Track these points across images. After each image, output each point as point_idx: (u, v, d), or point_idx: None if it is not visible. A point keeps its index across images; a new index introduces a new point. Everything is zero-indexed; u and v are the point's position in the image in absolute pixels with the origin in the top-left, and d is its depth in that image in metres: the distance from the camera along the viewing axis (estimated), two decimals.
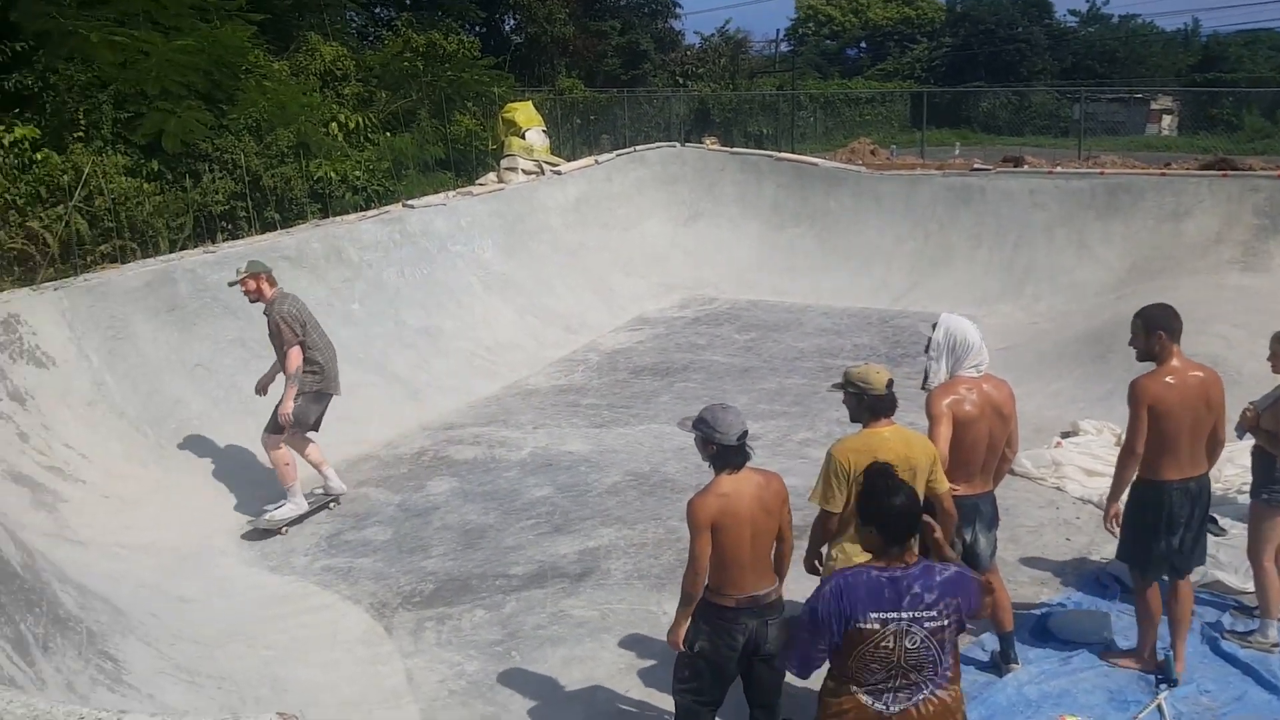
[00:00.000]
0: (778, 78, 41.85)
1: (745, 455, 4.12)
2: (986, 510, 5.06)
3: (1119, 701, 5.08)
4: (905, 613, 3.24)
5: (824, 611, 3.28)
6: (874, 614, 3.24)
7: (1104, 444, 7.99)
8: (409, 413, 9.64)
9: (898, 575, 3.28)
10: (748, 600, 4.11)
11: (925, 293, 12.95)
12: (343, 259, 10.71)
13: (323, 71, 18.87)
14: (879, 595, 3.25)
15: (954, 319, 4.99)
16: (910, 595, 3.25)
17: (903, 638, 3.25)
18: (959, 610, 3.31)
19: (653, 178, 15.64)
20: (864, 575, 3.30)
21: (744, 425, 4.10)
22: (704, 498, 4.07)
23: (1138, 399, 4.91)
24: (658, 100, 31.82)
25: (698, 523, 4.03)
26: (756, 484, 4.10)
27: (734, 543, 4.03)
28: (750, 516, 4.04)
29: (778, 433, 8.96)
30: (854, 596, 3.25)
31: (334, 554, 7.00)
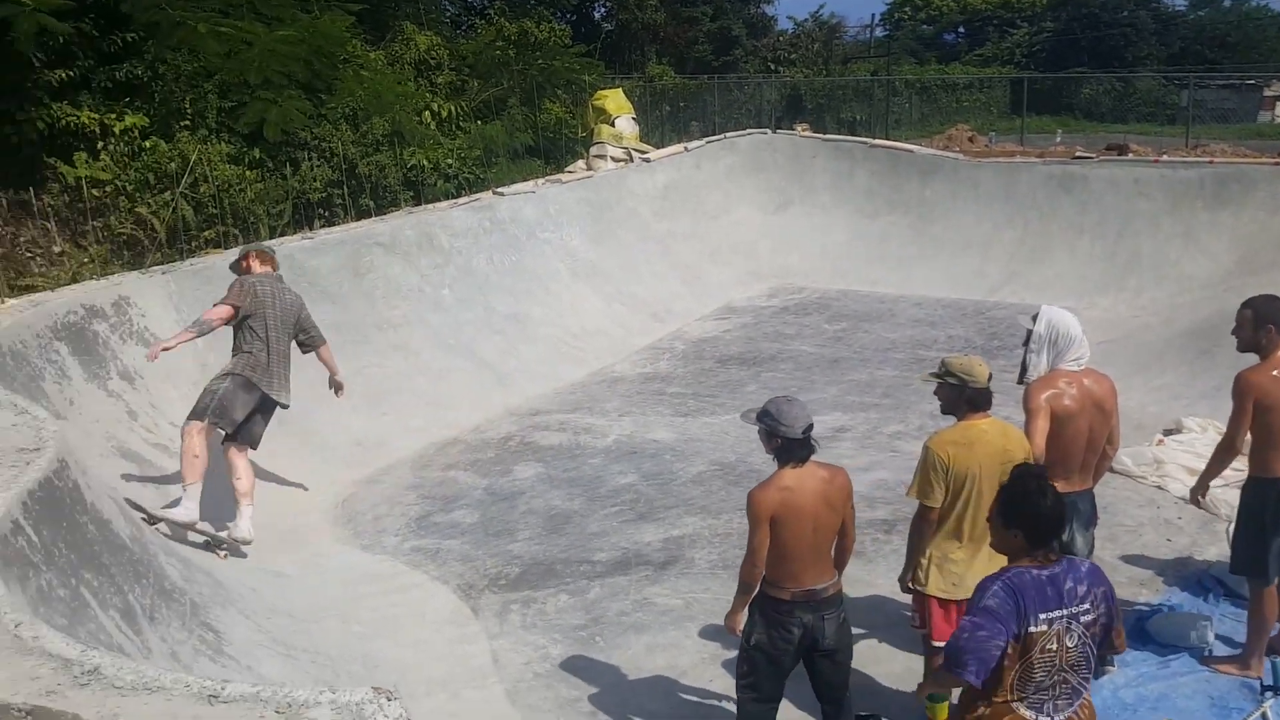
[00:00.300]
0: (872, 63, 41.17)
1: (810, 449, 4.08)
2: (1084, 508, 4.94)
3: (1220, 708, 4.92)
4: (1066, 609, 3.15)
5: (1002, 608, 3.11)
6: (1043, 615, 3.12)
7: (1208, 442, 7.67)
8: (496, 398, 9.77)
9: (1055, 572, 3.18)
10: (804, 594, 4.10)
11: (1023, 284, 12.62)
12: (434, 245, 10.89)
13: (417, 60, 19.19)
14: (1044, 594, 3.14)
15: (1055, 311, 4.89)
16: (1067, 591, 3.17)
17: (1065, 636, 3.15)
18: (1107, 600, 3.24)
19: (742, 165, 15.53)
20: (1026, 575, 3.17)
21: (809, 418, 4.07)
22: (765, 490, 4.06)
23: (1242, 392, 4.79)
24: (748, 86, 31.60)
25: (757, 515, 4.03)
26: (821, 478, 4.07)
27: (794, 536, 4.02)
28: (813, 511, 4.02)
29: (868, 425, 8.85)
30: (1026, 596, 3.12)
31: (423, 535, 7.14)
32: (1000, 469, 4.20)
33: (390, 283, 10.14)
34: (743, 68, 35.84)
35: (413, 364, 9.65)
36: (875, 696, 5.09)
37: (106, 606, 4.32)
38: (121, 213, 12.90)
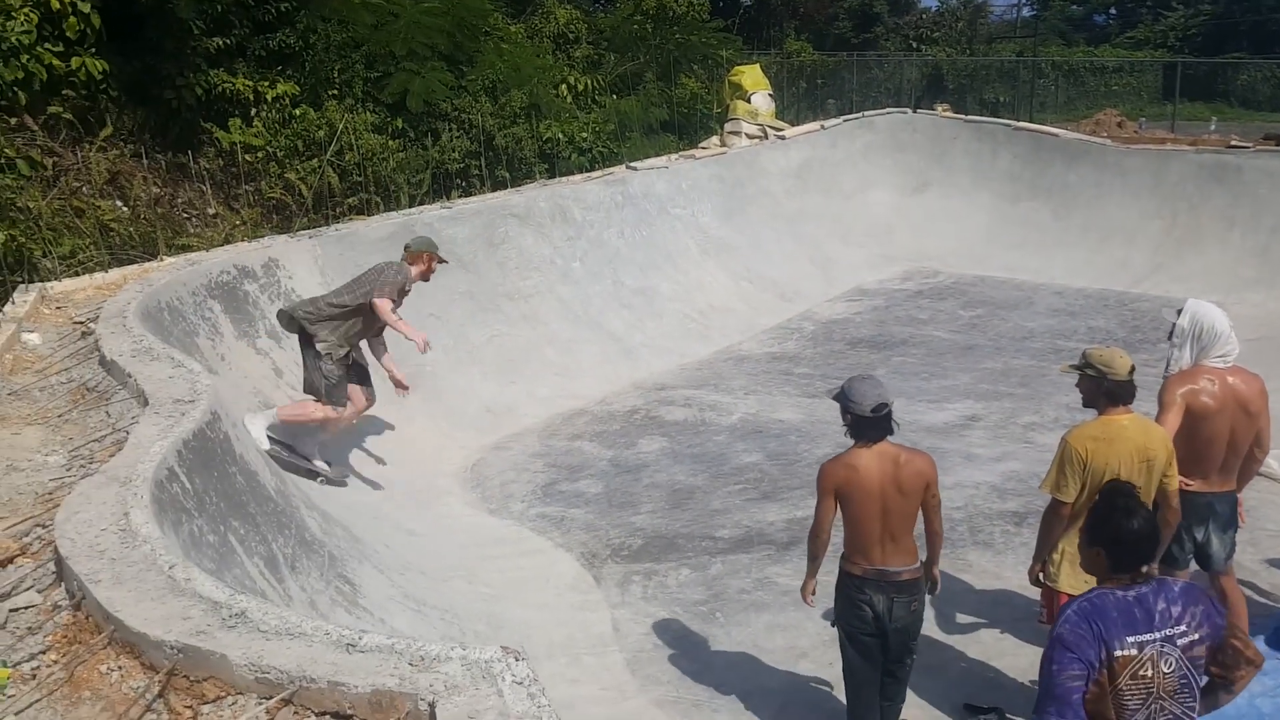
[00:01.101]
0: (1018, 43, 39.67)
1: (881, 429, 4.08)
2: (1222, 510, 4.78)
3: None
4: (1158, 632, 2.93)
5: (1074, 636, 2.93)
6: (1130, 638, 2.92)
7: None
8: (623, 371, 9.84)
9: (1144, 593, 2.98)
10: (875, 573, 4.14)
11: (1169, 275, 12.04)
12: (567, 218, 11.00)
13: (556, 34, 19.33)
14: (1131, 617, 2.94)
15: (1202, 305, 4.71)
16: (1159, 613, 2.95)
17: (1159, 661, 2.93)
18: (1207, 620, 2.98)
19: (880, 144, 15.20)
20: (1110, 596, 2.98)
21: (881, 398, 4.05)
22: (832, 465, 4.17)
23: None
24: (888, 65, 30.86)
25: (821, 487, 4.16)
26: (894, 460, 4.07)
27: (861, 514, 4.09)
28: (880, 491, 4.05)
29: (1001, 414, 8.60)
30: (1106, 619, 2.92)
31: (549, 503, 7.26)
32: (1140, 467, 4.10)
33: (523, 254, 10.30)
34: (883, 46, 35.00)
35: (542, 334, 9.79)
36: (998, 690, 4.99)
37: (252, 554, 4.52)
38: (271, 178, 13.41)
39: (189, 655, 2.86)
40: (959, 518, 6.85)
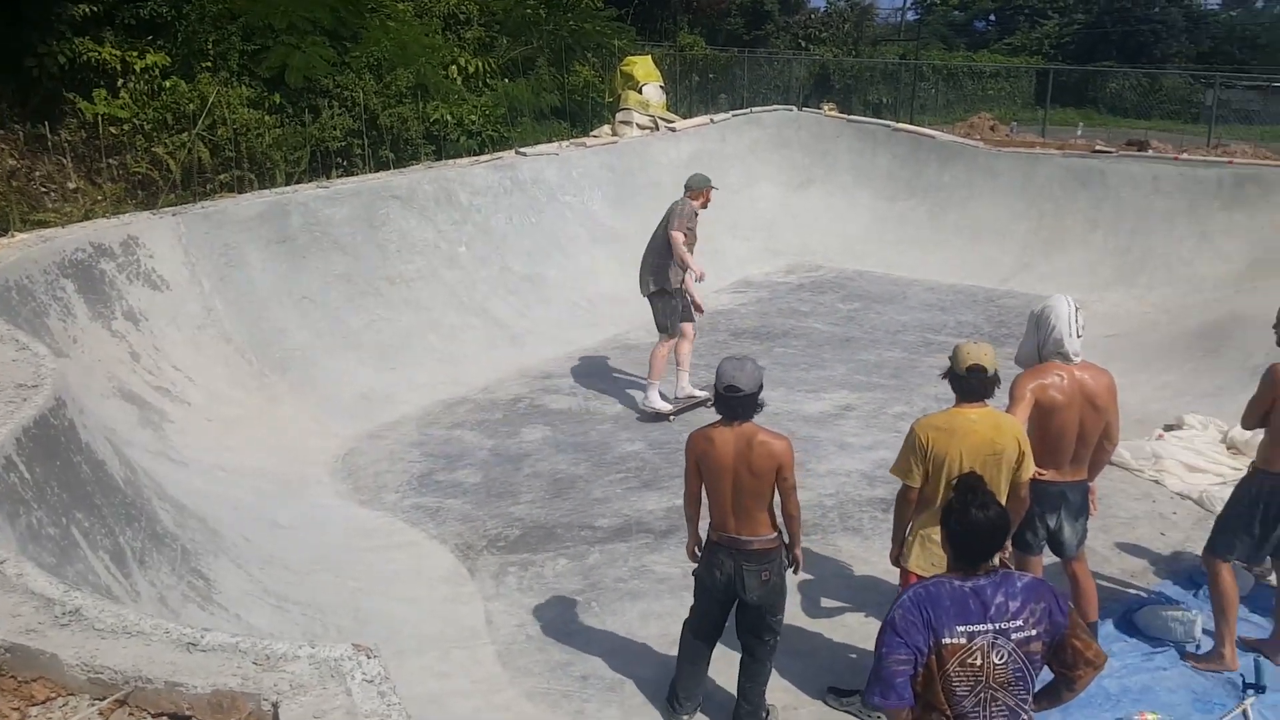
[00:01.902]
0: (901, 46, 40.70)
1: (731, 409, 4.25)
2: (1074, 499, 4.93)
3: (1203, 703, 4.93)
4: (992, 624, 2.97)
5: (904, 622, 2.98)
6: (961, 627, 2.96)
7: (1208, 440, 7.65)
8: (508, 358, 9.68)
9: (981, 584, 3.01)
10: (728, 539, 4.37)
11: (1035, 274, 12.46)
12: (453, 202, 10.77)
13: (446, 14, 18.94)
14: (965, 607, 2.97)
15: (1055, 299, 4.86)
16: (995, 605, 2.98)
17: (990, 652, 2.96)
18: (1047, 617, 3.01)
19: (767, 140, 15.32)
20: (946, 585, 3.02)
21: (734, 380, 4.20)
22: (694, 435, 4.43)
23: (1268, 382, 4.85)
24: (778, 62, 31.24)
25: (686, 456, 4.45)
26: (747, 440, 4.23)
27: (714, 487, 4.33)
28: (732, 468, 4.24)
29: (874, 405, 8.75)
30: (938, 607, 2.96)
31: (424, 493, 7.07)
32: (989, 460, 4.21)
33: (405, 237, 10.03)
34: (773, 43, 35.45)
35: (424, 320, 9.56)
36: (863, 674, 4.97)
37: (96, 548, 4.27)
38: (138, 152, 12.80)
39: (17, 655, 2.69)
40: (830, 504, 6.95)
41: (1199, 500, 6.88)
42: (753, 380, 4.24)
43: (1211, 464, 7.29)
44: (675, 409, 8.52)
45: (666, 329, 8.54)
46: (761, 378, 4.32)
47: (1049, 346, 4.76)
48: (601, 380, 9.34)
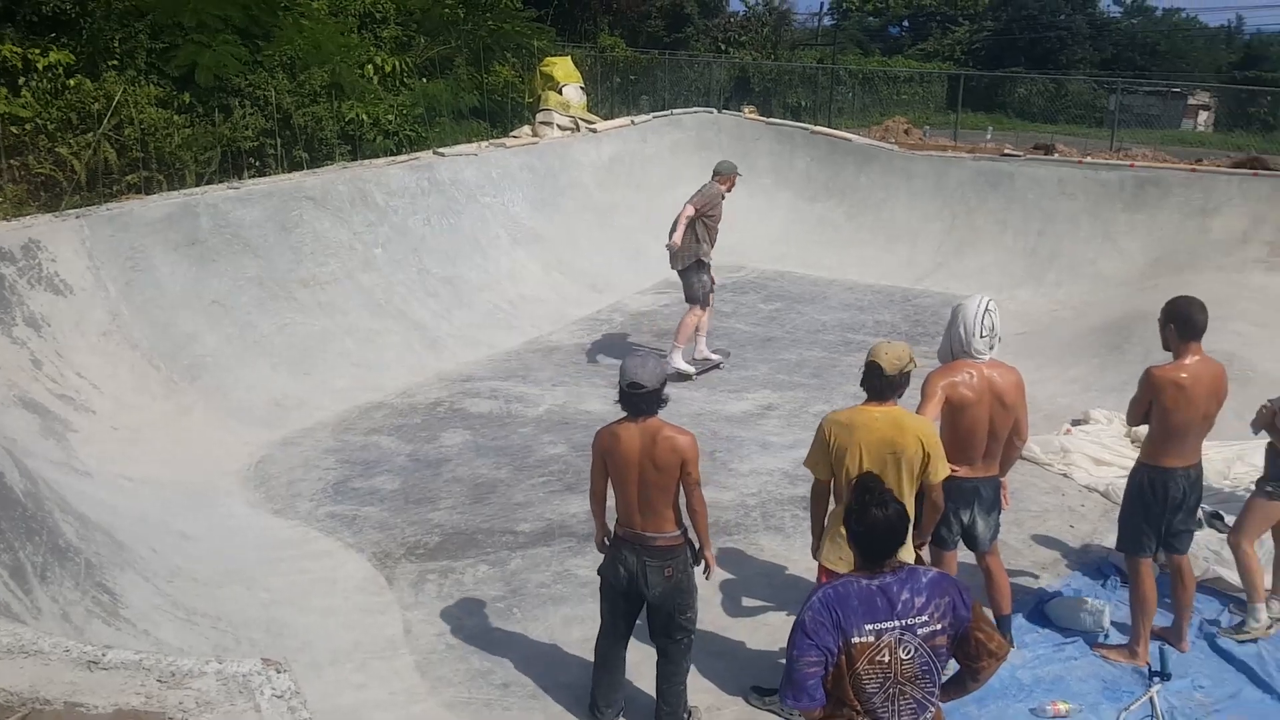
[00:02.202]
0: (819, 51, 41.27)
1: (635, 405, 4.27)
2: (987, 494, 5.03)
3: (1112, 692, 5.06)
4: (899, 620, 3.01)
5: (813, 623, 3.01)
6: (869, 625, 3.00)
7: (1114, 434, 7.91)
8: (427, 362, 9.55)
9: (887, 582, 3.05)
10: (632, 535, 4.38)
11: (949, 273, 12.73)
12: (368, 203, 10.59)
13: (362, 13, 18.67)
14: (872, 605, 3.02)
15: (969, 300, 4.95)
16: (901, 602, 3.03)
17: (898, 648, 3.01)
18: (951, 611, 3.07)
19: (688, 142, 15.39)
20: (854, 585, 3.06)
21: (635, 376, 4.22)
22: (601, 431, 4.42)
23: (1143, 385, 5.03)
24: (699, 65, 31.43)
25: (593, 451, 4.45)
26: (651, 436, 4.25)
27: (619, 481, 4.35)
28: (637, 463, 4.27)
29: (795, 404, 8.83)
30: (846, 607, 3.00)
31: (340, 501, 6.93)
32: (888, 458, 4.29)
33: (319, 239, 9.83)
34: (694, 46, 35.65)
35: (339, 323, 9.37)
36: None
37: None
38: (40, 152, 12.35)
39: None
40: (753, 504, 6.99)
41: (1105, 493, 7.08)
42: (655, 376, 4.25)
43: (1117, 457, 7.51)
44: (698, 370, 9.47)
45: (698, 299, 9.37)
46: (665, 374, 4.34)
47: (958, 345, 4.86)
48: (523, 383, 9.26)
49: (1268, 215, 11.59)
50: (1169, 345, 5.03)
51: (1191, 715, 4.85)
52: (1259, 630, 5.40)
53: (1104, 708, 4.91)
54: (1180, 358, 4.95)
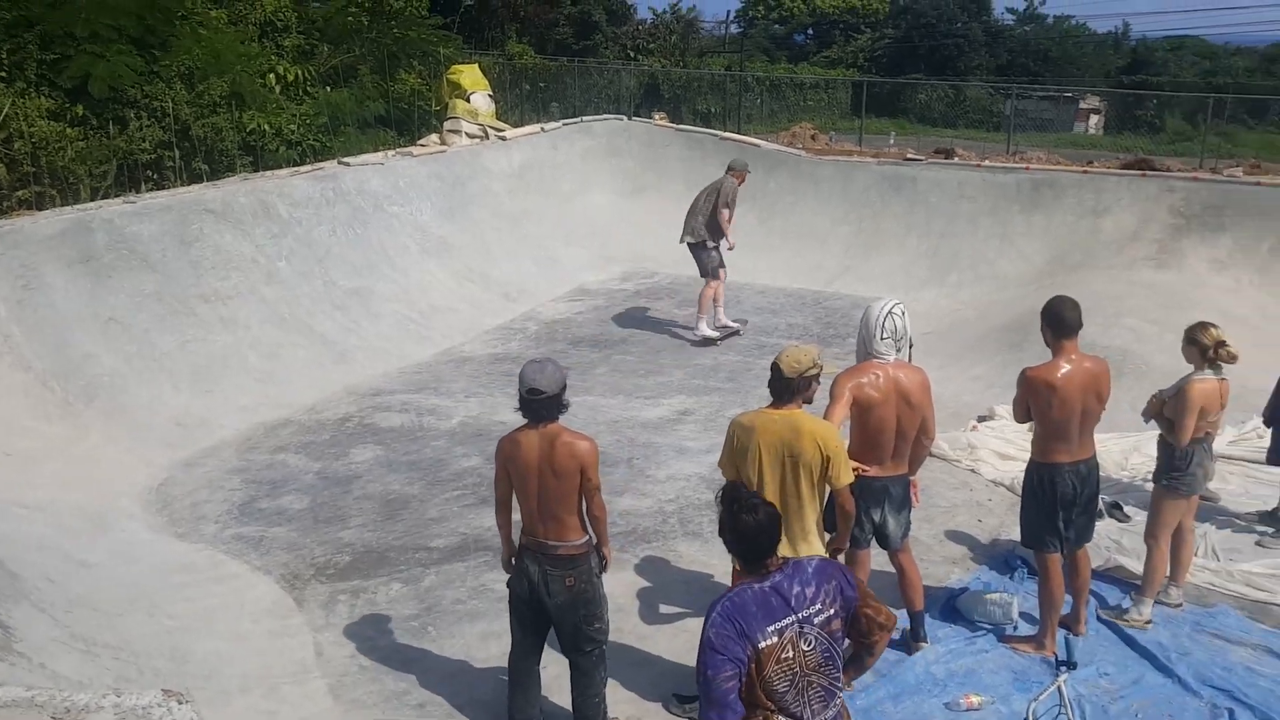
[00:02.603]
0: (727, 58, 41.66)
1: (535, 411, 4.23)
2: (896, 493, 5.11)
3: (1022, 682, 5.16)
4: (795, 614, 3.06)
5: (720, 638, 3.01)
6: (770, 627, 3.03)
7: (1017, 429, 8.05)
8: (335, 376, 9.35)
9: (777, 580, 3.09)
10: (534, 544, 4.34)
11: (857, 276, 12.93)
12: (271, 215, 10.34)
13: (263, 22, 18.21)
14: (769, 607, 3.05)
15: (874, 304, 5.03)
16: (794, 596, 3.08)
17: (799, 641, 3.05)
18: (840, 595, 3.14)
19: (599, 149, 15.38)
20: (748, 591, 3.09)
21: (535, 382, 4.18)
22: (503, 439, 4.38)
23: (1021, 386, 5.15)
24: (608, 72, 31.45)
25: (496, 461, 4.42)
26: (550, 442, 4.23)
27: (521, 489, 4.32)
28: (537, 470, 4.24)
29: (710, 408, 8.86)
30: (747, 615, 3.02)
31: (246, 522, 6.73)
32: (787, 462, 4.33)
33: (220, 252, 9.57)
34: (603, 53, 35.64)
35: (242, 339, 9.13)
36: None
37: None
38: None
39: None
40: (670, 510, 6.98)
41: (1010, 486, 7.23)
42: (554, 382, 4.21)
43: (1020, 451, 7.62)
44: (720, 335, 10.80)
45: (710, 273, 10.78)
46: (564, 379, 4.27)
47: (864, 347, 4.96)
48: (435, 395, 9.13)
49: (1155, 215, 12.05)
50: (1048, 343, 5.16)
51: (1097, 702, 4.97)
52: (1138, 622, 5.57)
53: (1015, 699, 5.01)
54: (1057, 356, 5.07)
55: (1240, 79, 42.11)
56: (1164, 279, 11.00)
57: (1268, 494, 7.02)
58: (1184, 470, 5.46)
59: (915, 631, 5.37)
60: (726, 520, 3.15)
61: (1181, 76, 44.70)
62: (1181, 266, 11.31)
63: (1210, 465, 5.71)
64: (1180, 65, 48.14)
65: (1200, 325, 5.54)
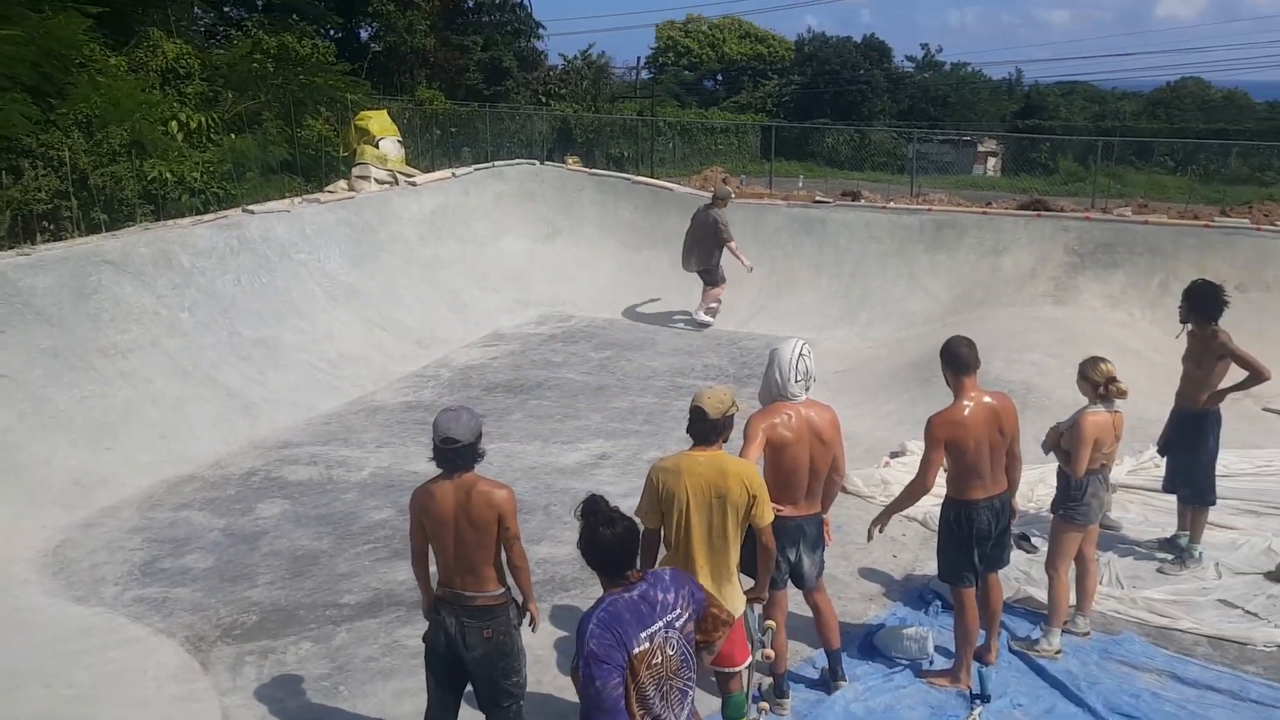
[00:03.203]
0: (638, 103, 42.14)
1: (450, 461, 4.17)
2: (811, 532, 5.12)
3: (939, 716, 5.21)
4: (662, 620, 3.23)
5: (602, 648, 3.10)
6: (643, 634, 3.17)
7: None
8: (240, 429, 9.10)
9: (643, 589, 3.26)
10: (451, 595, 4.25)
11: (770, 315, 13.12)
12: (173, 265, 10.09)
13: (164, 69, 17.91)
14: (640, 614, 3.20)
15: (783, 344, 5.05)
16: (660, 603, 3.25)
17: (665, 646, 3.22)
18: (692, 598, 3.33)
19: (511, 194, 15.39)
20: (620, 601, 3.22)
21: (450, 431, 4.12)
22: (417, 490, 4.29)
23: (932, 437, 5.15)
24: (520, 117, 31.55)
25: (410, 512, 4.30)
26: (466, 492, 4.16)
27: (437, 541, 4.23)
28: (453, 521, 4.15)
29: (628, 451, 8.83)
30: (623, 623, 3.16)
31: (148, 583, 6.47)
32: (715, 502, 4.31)
33: (120, 304, 9.29)
34: (514, 98, 35.75)
35: (143, 393, 8.84)
36: None
37: None
38: None
39: None
40: None
41: (923, 521, 7.33)
42: (470, 430, 4.15)
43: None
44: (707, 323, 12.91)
45: (715, 282, 12.83)
46: (480, 426, 4.21)
47: (776, 388, 4.96)
48: (345, 446, 8.94)
49: (1051, 253, 12.51)
50: (949, 383, 5.27)
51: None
52: (1048, 652, 5.67)
53: None
54: (959, 395, 5.18)
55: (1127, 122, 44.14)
56: (1062, 314, 11.38)
57: (1166, 521, 7.24)
58: (1079, 500, 5.60)
59: (834, 670, 5.37)
60: (585, 534, 3.28)
61: (1072, 120, 46.70)
62: (1078, 302, 11.75)
63: (1106, 495, 5.89)
64: (1071, 110, 50.28)
65: (1091, 361, 5.71)
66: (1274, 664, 5.67)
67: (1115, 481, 7.16)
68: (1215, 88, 49.19)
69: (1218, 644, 5.87)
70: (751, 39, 52.15)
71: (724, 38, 52.05)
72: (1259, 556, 6.89)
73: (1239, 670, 5.59)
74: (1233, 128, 40.99)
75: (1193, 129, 40.52)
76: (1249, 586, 6.51)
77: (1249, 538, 7.16)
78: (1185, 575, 6.69)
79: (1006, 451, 5.26)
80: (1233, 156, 33.70)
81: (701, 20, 53.65)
